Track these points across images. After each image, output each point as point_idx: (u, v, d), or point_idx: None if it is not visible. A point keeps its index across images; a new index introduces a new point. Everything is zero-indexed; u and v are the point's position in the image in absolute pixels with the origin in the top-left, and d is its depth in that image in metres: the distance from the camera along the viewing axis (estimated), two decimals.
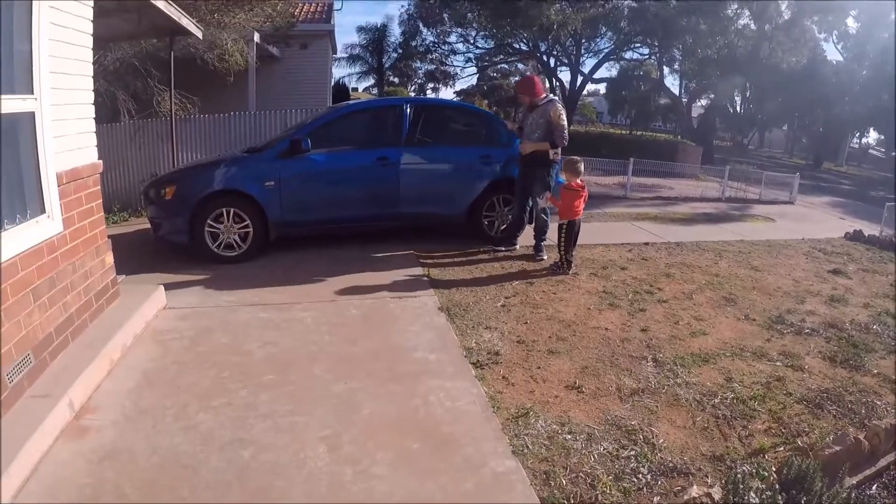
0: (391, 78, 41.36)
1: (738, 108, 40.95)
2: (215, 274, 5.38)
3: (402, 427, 2.98)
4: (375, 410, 3.13)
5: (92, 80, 3.87)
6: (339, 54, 31.67)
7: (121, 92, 8.97)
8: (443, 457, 2.75)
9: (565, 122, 6.18)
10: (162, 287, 4.55)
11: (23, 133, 3.11)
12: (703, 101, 34.06)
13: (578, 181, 5.87)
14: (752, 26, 24.20)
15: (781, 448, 3.03)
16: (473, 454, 2.77)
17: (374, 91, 39.56)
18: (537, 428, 3.05)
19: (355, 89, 41.36)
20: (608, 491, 2.60)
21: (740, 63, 23.80)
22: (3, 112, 2.85)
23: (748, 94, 37.84)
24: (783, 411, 3.40)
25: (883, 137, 40.72)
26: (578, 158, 6.01)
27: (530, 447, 2.88)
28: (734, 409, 3.39)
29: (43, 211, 3.24)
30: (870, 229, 9.65)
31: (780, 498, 2.03)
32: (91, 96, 3.85)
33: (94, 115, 3.90)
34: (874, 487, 2.69)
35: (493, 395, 3.37)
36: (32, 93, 3.11)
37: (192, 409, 3.08)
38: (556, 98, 6.54)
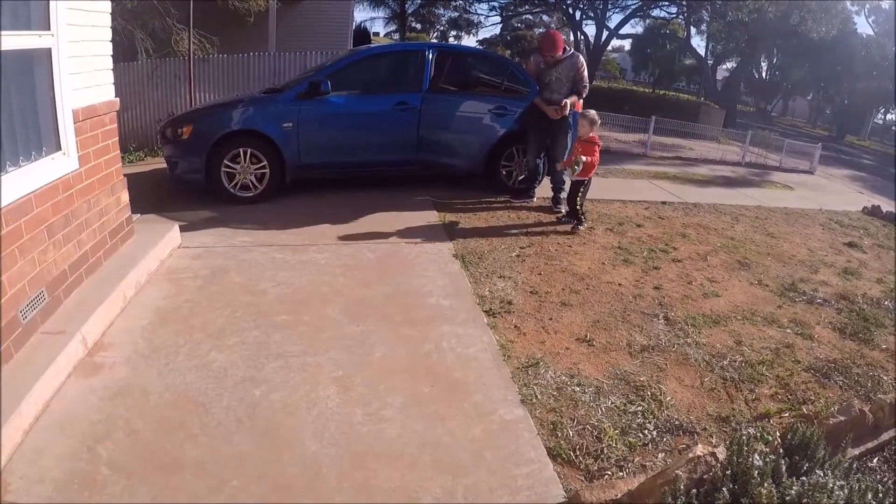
0: (413, 24, 40.63)
1: (763, 74, 39.96)
2: (230, 214, 5.39)
3: (414, 371, 3.01)
4: (387, 354, 3.17)
5: (109, 17, 3.81)
6: None
7: (138, 30, 8.83)
8: (452, 402, 2.78)
9: (587, 74, 6.23)
10: (177, 226, 4.57)
11: (39, 69, 3.08)
12: (729, 65, 33.30)
13: (594, 134, 5.80)
14: None
15: (787, 414, 3.04)
16: (483, 401, 2.81)
17: (396, 36, 38.90)
18: (546, 378, 3.08)
19: (377, 34, 40.71)
20: (614, 444, 2.63)
21: (769, 28, 23.12)
22: (19, 48, 2.82)
23: (775, 60, 36.91)
24: (790, 378, 3.41)
25: None
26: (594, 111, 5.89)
27: (539, 397, 2.91)
28: (742, 372, 3.40)
29: (59, 148, 3.22)
30: (888, 205, 9.47)
31: (783, 462, 2.04)
32: (108, 33, 3.79)
33: (111, 53, 3.84)
34: (875, 460, 2.70)
35: (504, 343, 3.40)
36: (49, 29, 3.06)
37: (204, 348, 3.12)
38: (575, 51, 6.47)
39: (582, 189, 5.76)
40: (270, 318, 3.47)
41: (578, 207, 5.79)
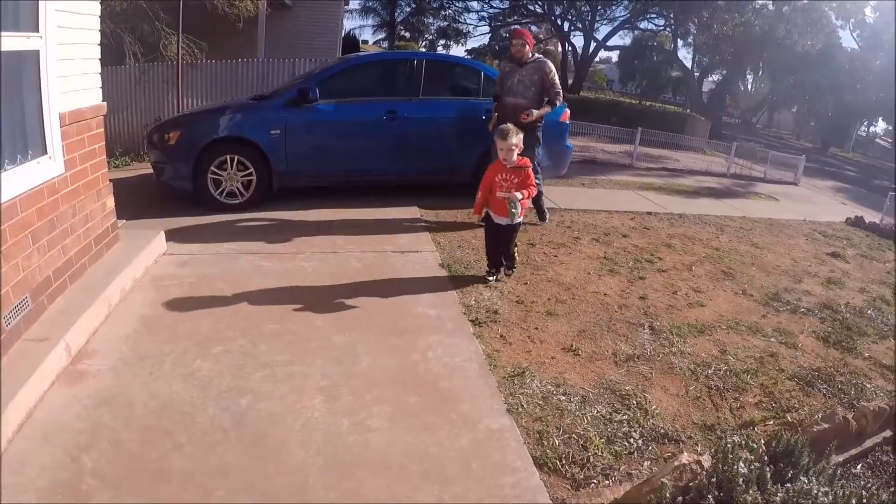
0: (403, 32, 40.77)
1: (749, 87, 40.44)
2: (217, 221, 5.37)
3: (400, 381, 3.01)
4: (374, 363, 3.16)
5: (99, 20, 3.79)
6: (351, 5, 31.11)
7: (127, 34, 8.81)
8: (439, 412, 2.78)
9: (559, 81, 5.87)
10: (163, 233, 4.54)
11: (27, 72, 3.05)
12: (715, 77, 33.65)
13: (520, 156, 4.34)
14: (770, 6, 23.77)
15: (771, 422, 3.06)
16: (469, 410, 2.81)
17: (385, 45, 39.01)
18: (532, 388, 3.08)
19: (366, 42, 40.78)
20: (600, 453, 2.64)
21: (755, 42, 23.43)
22: (7, 50, 2.79)
23: (760, 73, 37.35)
24: (775, 386, 3.43)
25: (891, 128, 40.23)
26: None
27: (525, 406, 2.91)
28: (727, 380, 3.42)
29: (45, 152, 3.19)
30: (871, 216, 9.61)
31: (767, 470, 2.05)
32: (97, 37, 3.77)
33: (99, 57, 3.83)
34: (859, 467, 2.73)
35: (490, 353, 3.40)
36: (38, 30, 3.04)
37: (190, 356, 3.09)
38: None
39: (517, 232, 4.54)
40: (257, 327, 3.45)
41: (515, 254, 4.67)
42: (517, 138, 4.20)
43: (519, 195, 4.18)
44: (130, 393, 2.76)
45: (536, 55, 5.85)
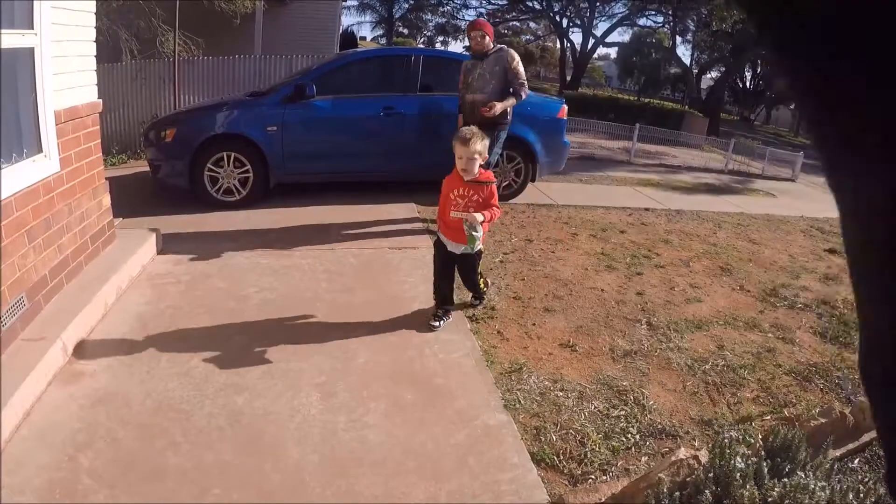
0: (400, 29, 40.73)
1: (747, 84, 40.43)
2: (214, 219, 5.36)
3: (397, 377, 3.00)
4: (370, 359, 3.15)
5: (94, 16, 3.78)
6: (349, 2, 31.08)
7: (123, 31, 8.79)
8: (436, 408, 2.78)
9: (524, 71, 5.39)
10: (159, 230, 4.54)
11: (21, 69, 3.05)
12: (713, 74, 33.63)
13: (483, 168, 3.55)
14: None
15: (768, 417, 3.06)
16: (466, 406, 2.80)
17: (383, 41, 38.96)
18: (530, 384, 3.08)
19: (363, 38, 40.74)
20: (597, 449, 2.64)
21: (753, 39, 23.40)
22: (1, 47, 2.78)
23: (759, 70, 37.34)
24: (772, 381, 3.44)
25: None
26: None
27: (522, 402, 2.91)
28: (724, 376, 3.43)
29: (40, 150, 3.19)
30: None
31: (764, 465, 2.05)
32: (93, 33, 3.77)
33: (95, 54, 3.82)
34: (856, 461, 2.73)
35: (487, 349, 3.40)
36: (32, 28, 3.03)
37: (186, 354, 3.09)
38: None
39: (479, 259, 3.78)
40: (253, 325, 3.45)
41: (480, 283, 3.92)
42: (482, 145, 3.40)
43: (480, 217, 3.37)
44: (127, 391, 2.75)
45: (498, 45, 5.45)
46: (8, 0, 2.85)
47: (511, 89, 5.27)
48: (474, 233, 3.38)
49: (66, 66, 3.43)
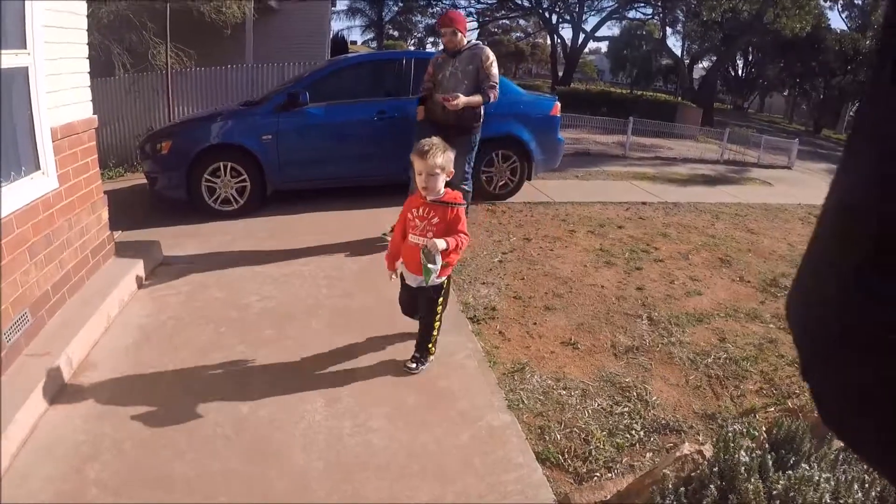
0: (391, 32, 40.71)
1: (739, 72, 40.45)
2: (212, 229, 5.37)
3: (399, 381, 3.01)
4: (373, 364, 3.16)
5: (86, 33, 3.80)
6: (338, 6, 31.03)
7: (115, 45, 8.78)
8: (439, 410, 2.79)
9: (497, 72, 4.92)
10: (159, 242, 4.54)
11: (16, 89, 3.06)
12: (705, 64, 33.65)
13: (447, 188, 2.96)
14: None
15: (772, 409, 3.07)
16: (469, 408, 2.81)
17: (374, 45, 38.95)
18: (533, 383, 3.10)
19: (354, 42, 40.72)
20: (602, 446, 2.65)
21: (743, 27, 23.43)
22: None
23: (750, 58, 37.34)
24: (775, 373, 3.45)
25: None
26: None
27: (525, 402, 2.92)
28: (727, 368, 3.44)
29: (38, 167, 3.21)
30: None
31: (769, 457, 2.06)
32: (85, 50, 3.78)
33: (88, 70, 3.83)
34: None
35: (489, 349, 3.41)
36: (25, 47, 3.05)
37: (190, 365, 3.10)
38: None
39: (442, 300, 3.07)
40: (255, 333, 3.45)
41: (435, 331, 3.12)
42: (443, 158, 2.83)
43: (442, 244, 2.76)
44: (132, 403, 2.76)
45: (473, 41, 5.03)
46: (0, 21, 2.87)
47: (483, 89, 4.80)
48: (430, 264, 2.74)
49: (61, 83, 3.44)
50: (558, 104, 7.02)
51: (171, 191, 5.73)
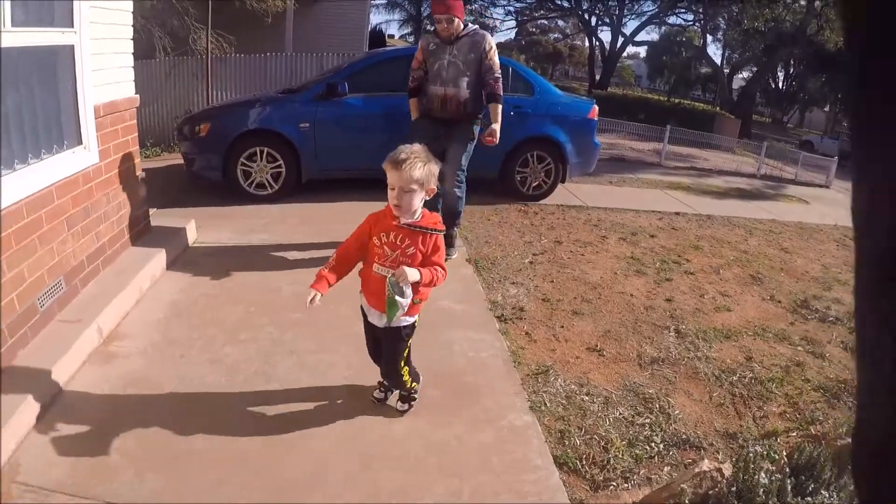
0: (428, 27, 40.73)
1: (779, 85, 39.74)
2: (246, 212, 5.44)
3: (425, 374, 3.01)
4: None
5: (132, 15, 3.88)
6: (377, 0, 31.17)
7: (157, 29, 8.94)
8: (462, 406, 2.79)
9: (498, 61, 4.39)
10: (193, 221, 4.62)
11: (62, 66, 3.15)
12: (745, 74, 33.13)
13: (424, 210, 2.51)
14: (802, 1, 23.29)
15: (794, 433, 3.02)
16: (492, 406, 2.82)
17: (411, 39, 39.03)
18: (556, 386, 3.09)
19: (392, 36, 40.83)
20: (620, 455, 2.63)
21: (785, 37, 23.00)
22: (44, 44, 2.90)
23: (791, 70, 36.66)
24: (799, 397, 3.38)
25: None
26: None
27: (548, 405, 2.92)
28: (751, 388, 3.39)
29: (80, 142, 3.30)
30: None
31: (788, 482, 2.04)
32: (130, 31, 3.87)
33: (132, 51, 3.92)
34: None
35: (515, 350, 3.40)
36: (72, 26, 3.13)
37: (218, 342, 3.15)
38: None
39: (408, 340, 2.58)
40: (284, 316, 3.49)
41: (405, 376, 2.64)
42: (422, 172, 2.39)
43: (415, 274, 2.30)
44: (159, 375, 2.83)
45: (471, 26, 4.44)
46: (49, 0, 2.94)
47: (485, 85, 4.31)
48: (398, 297, 2.27)
49: (105, 62, 3.53)
50: (596, 107, 6.97)
51: (208, 172, 5.82)
